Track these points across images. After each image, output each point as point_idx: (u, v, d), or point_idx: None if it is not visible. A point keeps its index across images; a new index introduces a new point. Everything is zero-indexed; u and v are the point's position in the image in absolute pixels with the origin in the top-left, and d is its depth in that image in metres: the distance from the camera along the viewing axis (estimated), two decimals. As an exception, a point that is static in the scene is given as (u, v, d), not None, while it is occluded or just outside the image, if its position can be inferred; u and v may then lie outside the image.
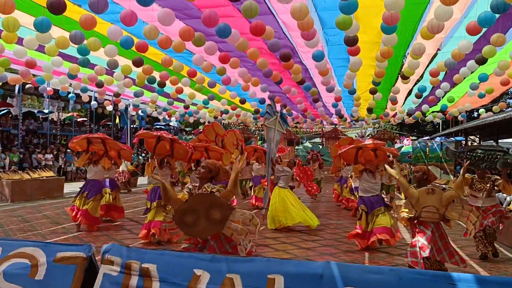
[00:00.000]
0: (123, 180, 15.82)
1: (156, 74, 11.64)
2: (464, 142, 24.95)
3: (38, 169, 16.11)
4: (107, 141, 9.04)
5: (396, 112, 18.86)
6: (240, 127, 25.17)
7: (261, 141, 29.61)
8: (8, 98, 23.74)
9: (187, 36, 7.73)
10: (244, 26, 8.16)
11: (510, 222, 7.33)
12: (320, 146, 25.10)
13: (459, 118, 18.67)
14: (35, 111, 30.44)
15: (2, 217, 9.82)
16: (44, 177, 14.63)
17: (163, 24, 7.02)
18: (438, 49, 10.73)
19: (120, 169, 13.98)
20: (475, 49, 9.02)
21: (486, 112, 17.45)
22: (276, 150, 9.31)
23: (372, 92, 12.63)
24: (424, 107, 17.16)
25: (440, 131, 29.99)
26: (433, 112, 18.37)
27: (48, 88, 14.33)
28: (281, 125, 10.01)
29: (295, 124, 24.33)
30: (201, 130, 37.02)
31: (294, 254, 6.98)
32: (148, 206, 7.61)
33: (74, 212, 8.40)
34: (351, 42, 7.76)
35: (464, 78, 11.78)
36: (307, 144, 30.51)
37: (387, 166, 5.42)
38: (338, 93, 14.01)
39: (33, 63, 10.18)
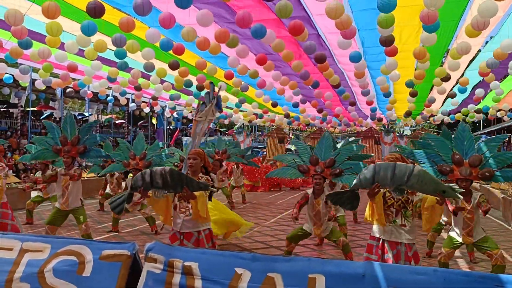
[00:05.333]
0: None
1: (193, 78, 11.82)
2: (507, 140, 24.16)
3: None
4: None
5: (432, 113, 18.51)
6: (275, 127, 25.17)
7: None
8: (51, 101, 24.66)
9: (223, 38, 7.79)
10: (278, 30, 8.17)
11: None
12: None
13: (505, 118, 18.14)
14: (76, 113, 31.52)
15: (47, 216, 10.18)
16: (85, 178, 15.07)
17: (201, 25, 7.11)
18: (486, 41, 10.38)
19: None
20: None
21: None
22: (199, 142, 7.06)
23: (412, 94, 12.36)
24: (470, 106, 16.74)
25: (481, 129, 29.06)
26: (475, 110, 17.89)
27: (88, 92, 14.82)
28: (214, 112, 7.65)
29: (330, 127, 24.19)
30: (235, 131, 37.22)
31: (331, 254, 6.95)
32: None
33: None
34: (387, 42, 7.61)
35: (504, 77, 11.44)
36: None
37: None
38: (371, 98, 13.85)
39: (74, 67, 10.53)
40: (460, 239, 5.25)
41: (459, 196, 3.80)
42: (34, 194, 10.68)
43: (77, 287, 3.38)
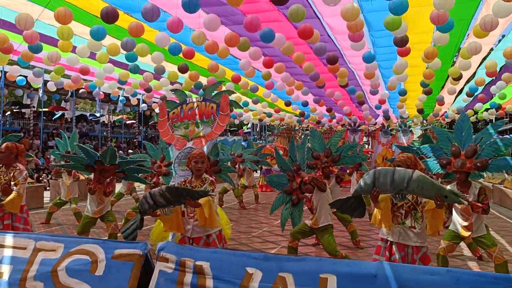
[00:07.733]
0: None
1: (203, 79, 11.84)
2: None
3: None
4: None
5: (446, 111, 18.36)
6: (285, 126, 25.16)
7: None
8: (63, 102, 24.90)
9: (233, 41, 7.79)
10: (289, 31, 8.15)
11: None
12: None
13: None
14: (87, 114, 31.80)
15: (59, 215, 10.27)
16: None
17: (208, 29, 7.12)
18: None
19: None
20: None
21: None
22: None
23: (427, 92, 12.28)
24: (478, 105, 16.56)
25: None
26: (486, 109, 17.67)
27: (100, 93, 14.97)
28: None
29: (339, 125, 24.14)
30: (245, 131, 36.96)
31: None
32: None
33: None
34: (401, 42, 7.54)
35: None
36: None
37: None
38: (384, 96, 13.78)
39: (86, 70, 10.63)
40: (459, 232, 5.08)
41: (463, 201, 3.69)
42: (46, 194, 10.77)
43: (90, 286, 3.42)
